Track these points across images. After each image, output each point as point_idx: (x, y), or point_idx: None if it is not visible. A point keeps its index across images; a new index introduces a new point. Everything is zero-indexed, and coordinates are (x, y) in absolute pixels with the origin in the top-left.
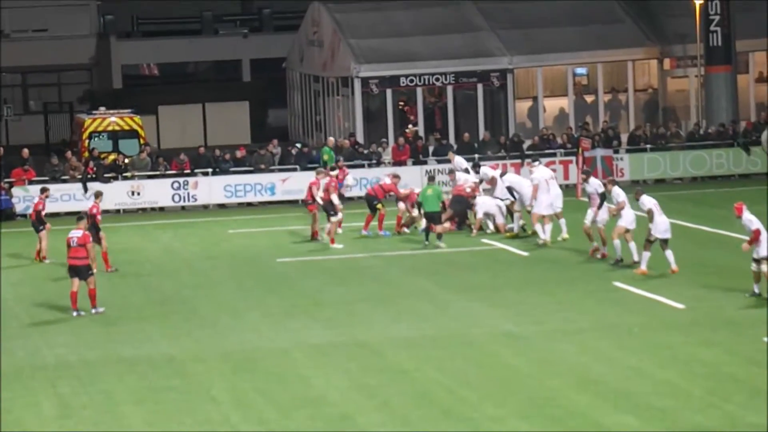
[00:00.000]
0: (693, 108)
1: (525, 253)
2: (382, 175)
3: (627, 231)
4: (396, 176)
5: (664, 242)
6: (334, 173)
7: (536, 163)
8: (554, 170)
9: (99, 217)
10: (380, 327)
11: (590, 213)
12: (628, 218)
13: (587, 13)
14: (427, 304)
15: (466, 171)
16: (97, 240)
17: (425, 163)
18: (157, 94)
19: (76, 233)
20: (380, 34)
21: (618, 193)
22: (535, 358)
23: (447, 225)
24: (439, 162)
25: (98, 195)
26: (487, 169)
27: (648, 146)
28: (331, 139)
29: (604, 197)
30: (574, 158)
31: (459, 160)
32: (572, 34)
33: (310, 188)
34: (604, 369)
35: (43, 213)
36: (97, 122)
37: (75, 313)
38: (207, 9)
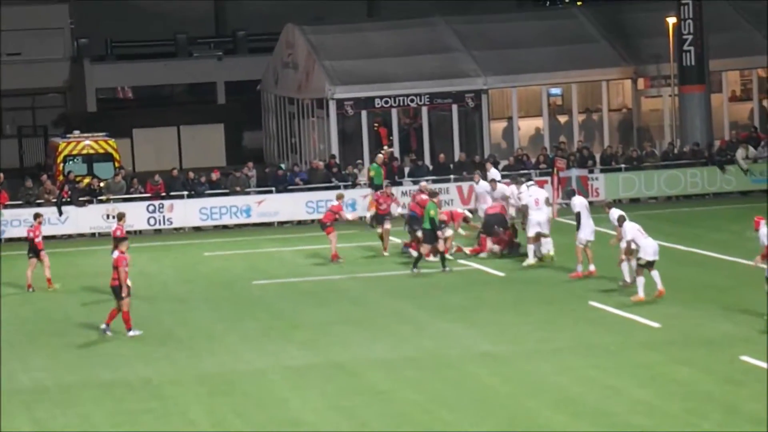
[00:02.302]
0: (667, 127)
1: (501, 274)
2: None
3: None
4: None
5: (650, 264)
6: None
7: (530, 182)
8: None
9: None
10: (357, 348)
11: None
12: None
13: (561, 33)
14: (404, 325)
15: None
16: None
17: (401, 184)
18: (132, 117)
19: (113, 255)
20: (355, 56)
21: (614, 218)
22: (512, 378)
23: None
24: (414, 183)
25: (121, 217)
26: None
27: (623, 166)
28: (380, 156)
29: (579, 217)
30: (549, 178)
31: (494, 172)
32: (546, 54)
33: (331, 212)
34: (581, 388)
35: (36, 240)
36: (71, 146)
37: (104, 327)
38: (181, 32)
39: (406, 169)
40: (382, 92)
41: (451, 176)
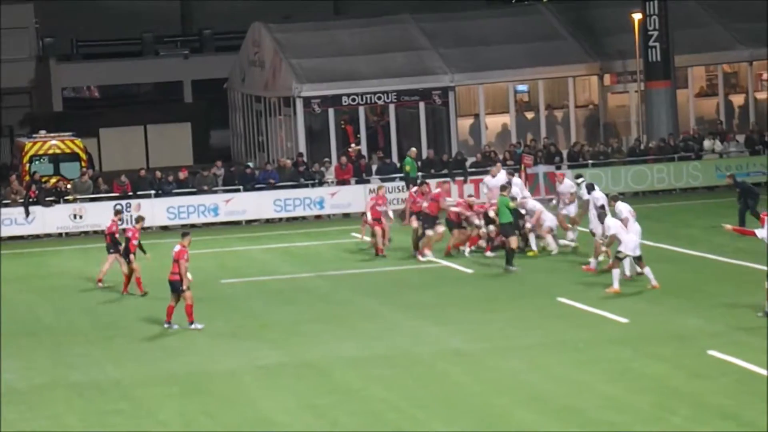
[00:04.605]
0: (634, 123)
1: (470, 271)
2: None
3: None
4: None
5: (638, 259)
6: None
7: (581, 179)
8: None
9: (134, 242)
10: (328, 347)
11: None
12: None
13: (528, 30)
14: (374, 323)
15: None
16: (128, 262)
17: (368, 182)
18: (98, 116)
19: (175, 248)
20: (321, 54)
21: (621, 210)
22: (482, 376)
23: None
24: (382, 181)
25: (139, 220)
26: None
27: (590, 162)
28: (414, 149)
29: (604, 210)
30: (516, 175)
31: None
32: (513, 51)
33: (372, 206)
34: (551, 385)
35: (117, 235)
36: (37, 146)
37: (166, 326)
38: (147, 30)
39: (374, 167)
40: (349, 90)
41: (420, 173)
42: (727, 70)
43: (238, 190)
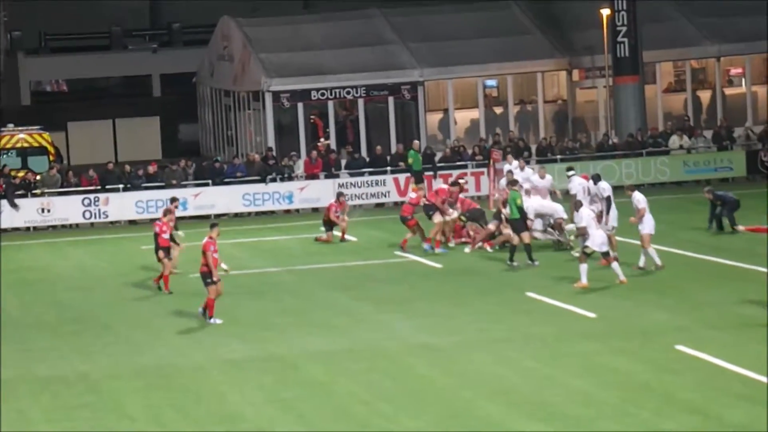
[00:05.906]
0: (602, 118)
1: (438, 265)
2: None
3: (650, 236)
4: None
5: (605, 255)
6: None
7: (571, 172)
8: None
9: (164, 236)
10: (295, 341)
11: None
12: (649, 224)
13: (496, 25)
14: (342, 317)
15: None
16: (158, 258)
17: (337, 176)
18: (67, 110)
19: (204, 240)
20: (291, 48)
21: (639, 200)
22: (450, 370)
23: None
24: (351, 175)
25: (167, 213)
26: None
27: (558, 157)
28: (417, 142)
29: (609, 202)
30: (485, 170)
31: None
32: (482, 46)
33: (410, 205)
34: (518, 379)
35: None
36: (5, 139)
37: (211, 320)
38: (116, 24)
39: (343, 162)
40: (319, 84)
41: (388, 168)
42: (694, 66)
43: (207, 185)
